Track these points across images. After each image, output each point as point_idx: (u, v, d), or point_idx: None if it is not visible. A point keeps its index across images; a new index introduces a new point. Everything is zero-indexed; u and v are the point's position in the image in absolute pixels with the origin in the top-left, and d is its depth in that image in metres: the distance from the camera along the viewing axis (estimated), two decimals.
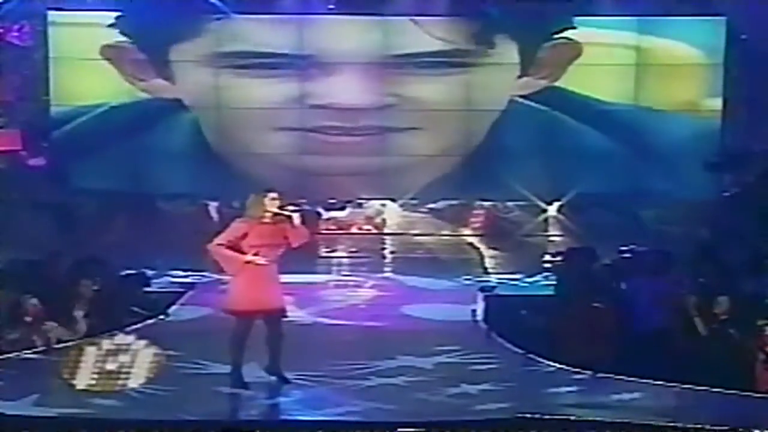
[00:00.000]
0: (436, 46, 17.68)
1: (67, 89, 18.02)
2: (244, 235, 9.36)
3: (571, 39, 17.63)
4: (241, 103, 17.95)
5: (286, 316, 9.71)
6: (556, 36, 17.61)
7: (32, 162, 17.18)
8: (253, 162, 17.89)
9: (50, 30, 17.82)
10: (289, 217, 9.35)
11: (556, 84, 17.75)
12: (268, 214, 9.34)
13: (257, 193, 9.50)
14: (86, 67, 17.87)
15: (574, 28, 17.58)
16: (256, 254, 9.30)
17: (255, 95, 17.95)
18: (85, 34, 17.89)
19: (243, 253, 9.35)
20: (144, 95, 18.04)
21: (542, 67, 17.67)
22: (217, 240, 9.42)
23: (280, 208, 9.35)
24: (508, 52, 17.70)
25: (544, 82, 17.76)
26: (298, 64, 17.78)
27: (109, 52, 17.85)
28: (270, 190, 9.46)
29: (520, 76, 17.77)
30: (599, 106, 17.72)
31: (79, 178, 17.82)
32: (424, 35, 17.65)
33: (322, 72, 17.80)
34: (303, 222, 9.45)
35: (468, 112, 17.89)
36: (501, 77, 17.77)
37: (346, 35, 17.82)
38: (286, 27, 17.81)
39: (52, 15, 17.87)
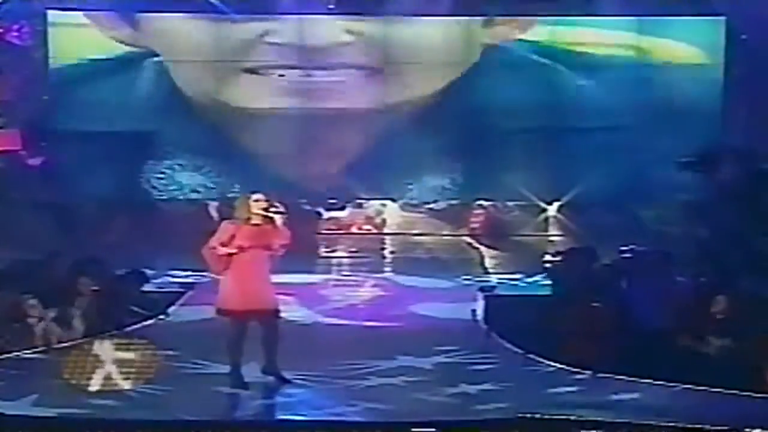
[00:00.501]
0: None
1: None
2: (232, 237, 9.41)
3: None
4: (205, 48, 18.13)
5: (279, 317, 9.70)
6: None
7: (32, 161, 17.17)
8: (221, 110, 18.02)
9: (50, 30, 17.84)
10: (272, 219, 9.39)
11: None
12: (253, 216, 9.40)
13: (244, 195, 9.58)
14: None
15: None
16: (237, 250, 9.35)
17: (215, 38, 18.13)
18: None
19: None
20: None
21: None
22: (209, 243, 9.47)
23: (266, 210, 9.39)
24: None
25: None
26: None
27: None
28: (255, 192, 9.53)
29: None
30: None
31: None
32: None
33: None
34: (288, 223, 9.49)
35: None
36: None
37: None
38: None
39: (52, 15, 17.87)
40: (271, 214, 9.38)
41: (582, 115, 17.97)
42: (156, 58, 18.35)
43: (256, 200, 9.43)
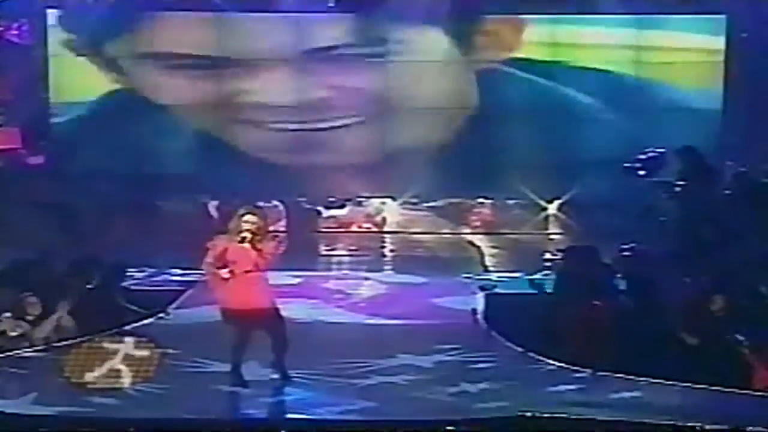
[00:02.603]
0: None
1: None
2: (225, 251, 9.43)
3: None
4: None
5: (281, 321, 9.69)
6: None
7: (31, 160, 17.16)
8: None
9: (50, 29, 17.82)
10: (255, 241, 9.36)
11: None
12: (241, 234, 9.38)
13: (238, 212, 9.57)
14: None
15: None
16: (228, 270, 9.36)
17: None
18: None
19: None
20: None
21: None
22: (206, 259, 9.49)
23: (257, 230, 9.38)
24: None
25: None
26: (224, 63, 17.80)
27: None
28: (248, 212, 9.52)
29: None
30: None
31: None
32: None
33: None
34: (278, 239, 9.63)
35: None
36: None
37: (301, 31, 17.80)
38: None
39: (52, 14, 17.84)
40: (252, 235, 9.34)
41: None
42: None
43: (245, 220, 9.42)
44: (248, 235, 9.33)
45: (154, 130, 17.88)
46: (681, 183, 14.84)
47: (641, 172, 15.53)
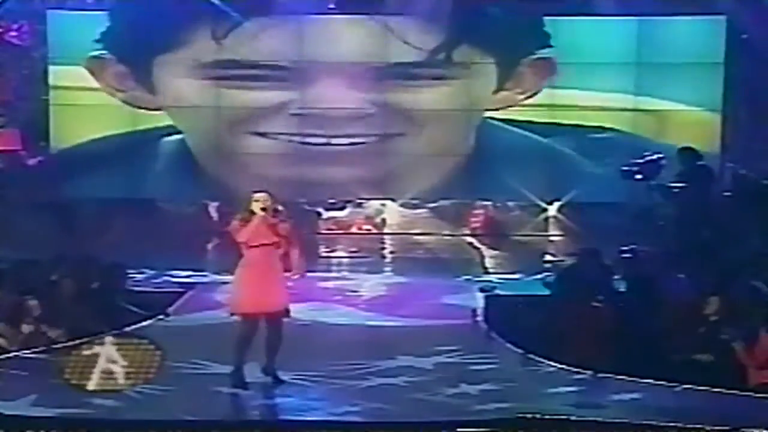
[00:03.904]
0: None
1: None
2: (242, 226, 9.59)
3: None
4: (223, 111, 17.66)
5: (288, 316, 9.77)
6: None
7: (31, 162, 17.17)
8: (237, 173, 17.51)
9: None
10: (265, 217, 9.54)
11: None
12: (252, 209, 9.57)
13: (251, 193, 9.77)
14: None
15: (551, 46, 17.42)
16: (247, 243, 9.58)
17: (236, 103, 17.62)
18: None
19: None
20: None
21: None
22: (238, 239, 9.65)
23: (268, 206, 9.55)
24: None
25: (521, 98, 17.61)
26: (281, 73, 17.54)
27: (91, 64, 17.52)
28: (258, 191, 9.72)
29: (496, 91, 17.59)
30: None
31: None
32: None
33: (303, 80, 17.54)
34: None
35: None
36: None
37: (327, 43, 17.51)
38: (271, 36, 17.52)
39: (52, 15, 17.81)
40: (264, 212, 9.52)
41: None
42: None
43: (256, 200, 9.58)
44: (259, 210, 9.51)
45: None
46: (679, 185, 14.89)
47: (639, 176, 15.55)
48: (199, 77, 17.55)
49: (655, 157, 15.67)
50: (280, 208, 9.69)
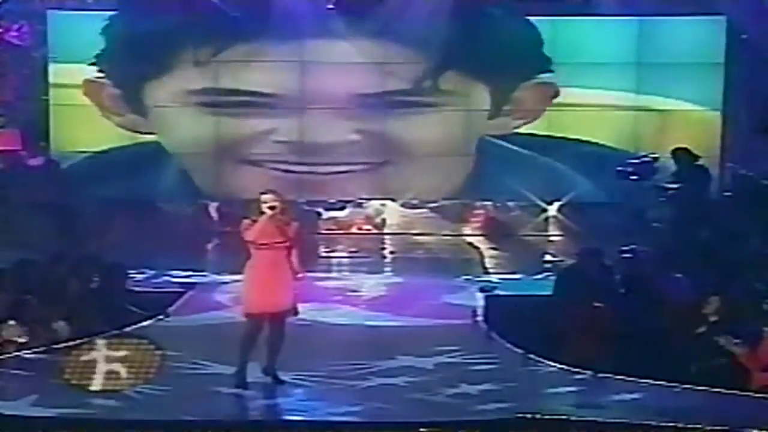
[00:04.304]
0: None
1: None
2: (252, 225, 9.60)
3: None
4: (209, 138, 17.71)
5: (296, 315, 9.82)
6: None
7: (32, 162, 17.17)
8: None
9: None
10: (273, 215, 9.53)
11: None
12: (262, 208, 9.57)
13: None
14: None
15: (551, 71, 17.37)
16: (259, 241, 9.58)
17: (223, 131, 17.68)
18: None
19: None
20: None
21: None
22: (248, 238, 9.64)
23: (271, 208, 9.53)
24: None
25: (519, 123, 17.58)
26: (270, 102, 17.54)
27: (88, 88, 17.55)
28: (266, 192, 9.73)
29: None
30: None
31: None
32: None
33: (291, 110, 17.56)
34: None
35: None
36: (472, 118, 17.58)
37: (317, 76, 17.50)
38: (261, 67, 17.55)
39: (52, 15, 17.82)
40: (273, 211, 9.51)
41: None
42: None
43: (264, 200, 9.58)
44: (268, 210, 9.51)
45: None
46: (675, 186, 14.92)
47: (634, 177, 15.55)
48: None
49: (649, 158, 15.69)
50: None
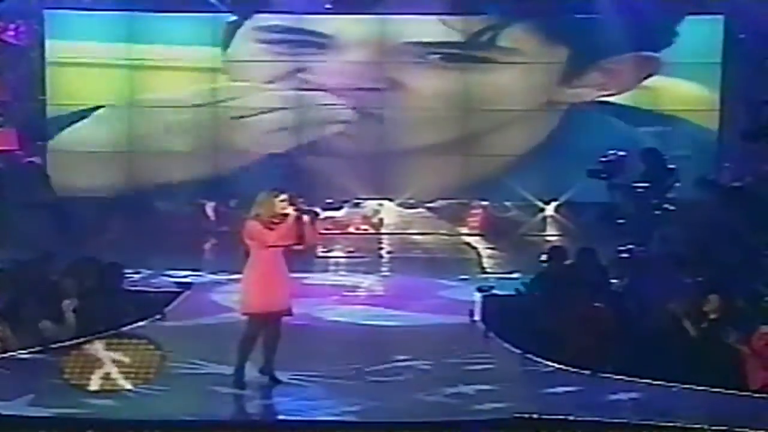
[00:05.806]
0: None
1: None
2: (262, 235, 9.39)
3: None
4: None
5: (292, 314, 9.74)
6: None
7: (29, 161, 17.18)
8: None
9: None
10: (299, 217, 9.40)
11: None
12: (278, 216, 9.38)
13: (268, 194, 9.51)
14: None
15: None
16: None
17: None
18: None
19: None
20: None
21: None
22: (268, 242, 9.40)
23: (297, 209, 9.41)
24: None
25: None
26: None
27: None
28: (279, 191, 9.51)
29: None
30: None
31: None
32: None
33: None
34: (312, 222, 9.59)
35: None
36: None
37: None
38: None
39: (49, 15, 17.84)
40: (297, 213, 9.37)
41: None
42: None
43: (282, 200, 9.40)
44: (292, 210, 9.33)
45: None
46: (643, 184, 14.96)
47: (603, 175, 15.58)
48: None
49: (619, 155, 15.71)
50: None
